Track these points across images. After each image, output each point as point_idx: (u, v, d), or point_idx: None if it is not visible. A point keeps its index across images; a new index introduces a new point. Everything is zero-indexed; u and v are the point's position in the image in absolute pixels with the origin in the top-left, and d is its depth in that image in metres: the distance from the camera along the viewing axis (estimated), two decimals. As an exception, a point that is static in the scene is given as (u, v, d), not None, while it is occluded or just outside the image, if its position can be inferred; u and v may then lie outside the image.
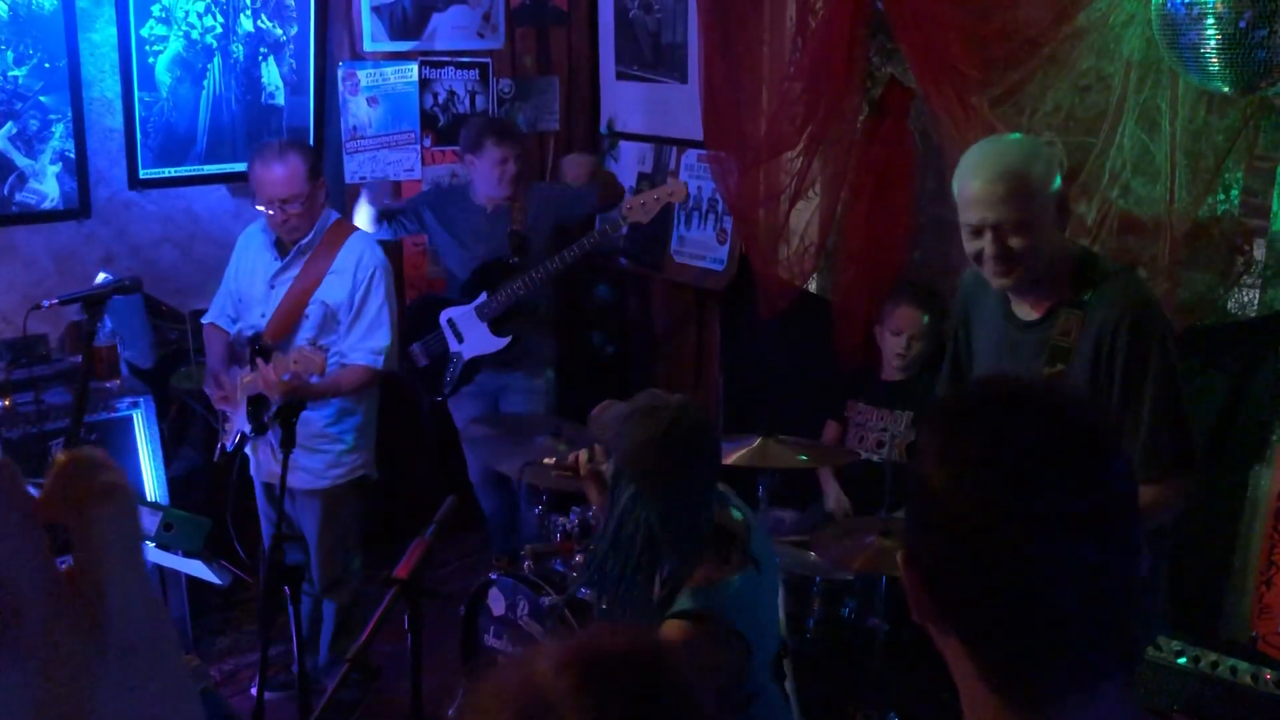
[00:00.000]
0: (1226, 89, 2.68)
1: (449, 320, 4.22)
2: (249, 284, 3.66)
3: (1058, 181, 2.32)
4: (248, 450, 3.71)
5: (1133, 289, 2.38)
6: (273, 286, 3.61)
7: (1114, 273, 2.40)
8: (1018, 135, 2.67)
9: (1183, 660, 2.65)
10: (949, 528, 1.02)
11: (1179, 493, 2.36)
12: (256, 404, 3.56)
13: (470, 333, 4.18)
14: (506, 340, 4.15)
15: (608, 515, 2.15)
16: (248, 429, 3.57)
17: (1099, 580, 1.00)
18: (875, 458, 3.67)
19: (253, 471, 3.75)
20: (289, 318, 3.57)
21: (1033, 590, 0.99)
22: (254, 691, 3.16)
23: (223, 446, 3.75)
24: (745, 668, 2.12)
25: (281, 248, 3.61)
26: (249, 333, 3.62)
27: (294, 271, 3.59)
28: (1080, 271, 2.38)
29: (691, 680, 0.88)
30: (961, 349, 2.68)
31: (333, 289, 3.57)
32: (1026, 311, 2.45)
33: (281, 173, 3.45)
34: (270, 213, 3.51)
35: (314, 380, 3.42)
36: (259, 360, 3.54)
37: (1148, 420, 2.28)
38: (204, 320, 3.82)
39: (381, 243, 3.83)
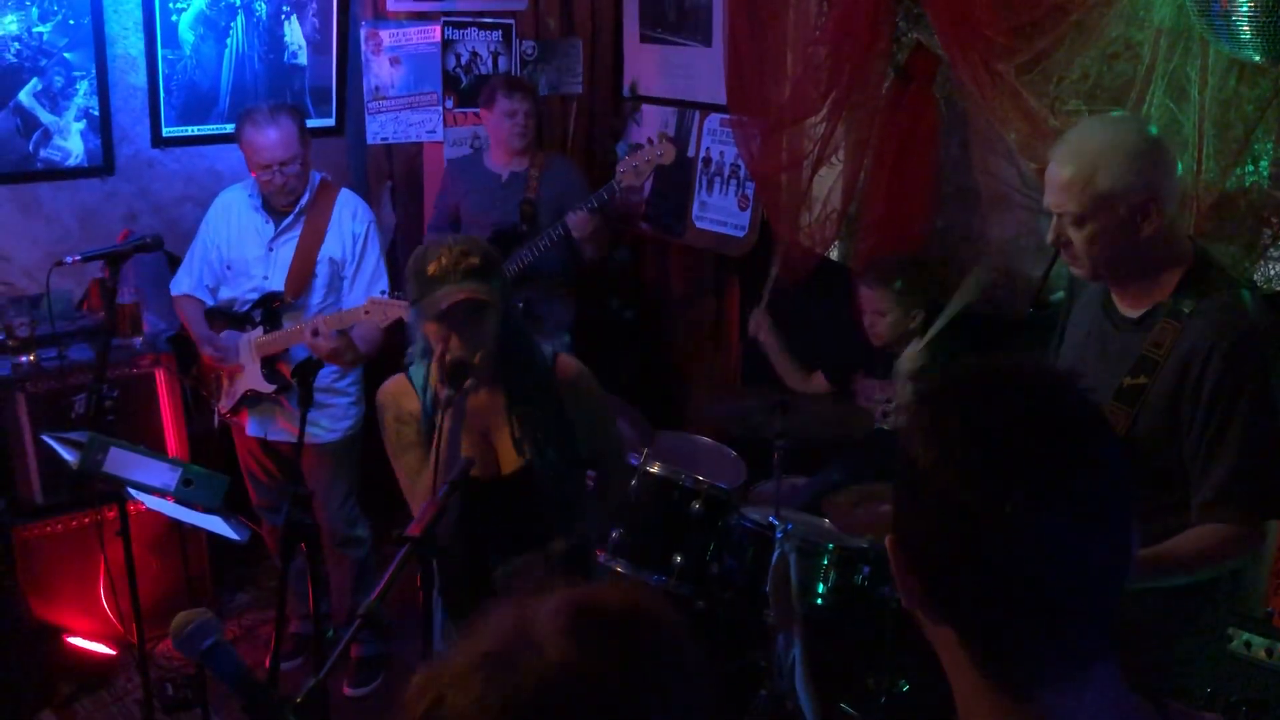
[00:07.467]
0: (1258, 58, 2.62)
1: None
2: (239, 249, 3.65)
3: (1143, 184, 2.09)
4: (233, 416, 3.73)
5: (1238, 311, 2.13)
6: (271, 249, 3.61)
7: (1224, 287, 2.17)
8: (1135, 123, 2.24)
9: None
10: (935, 507, 1.00)
11: (1251, 541, 2.17)
12: (272, 363, 3.59)
13: None
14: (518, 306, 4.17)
15: None
16: (266, 388, 3.59)
17: (1088, 562, 0.98)
18: (885, 426, 3.65)
19: (250, 432, 3.75)
20: (303, 276, 3.59)
21: (1019, 570, 0.97)
22: (268, 664, 3.20)
23: (218, 411, 3.77)
24: None
25: (273, 211, 3.62)
26: (253, 295, 3.62)
27: (296, 232, 3.60)
28: (1190, 278, 2.17)
29: (684, 649, 0.88)
30: (1063, 327, 2.50)
31: (334, 245, 3.62)
32: (1126, 307, 2.26)
33: (278, 136, 3.46)
34: (267, 177, 3.51)
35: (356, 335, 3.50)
36: (275, 319, 3.57)
37: (1231, 459, 2.08)
38: (176, 292, 3.74)
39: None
